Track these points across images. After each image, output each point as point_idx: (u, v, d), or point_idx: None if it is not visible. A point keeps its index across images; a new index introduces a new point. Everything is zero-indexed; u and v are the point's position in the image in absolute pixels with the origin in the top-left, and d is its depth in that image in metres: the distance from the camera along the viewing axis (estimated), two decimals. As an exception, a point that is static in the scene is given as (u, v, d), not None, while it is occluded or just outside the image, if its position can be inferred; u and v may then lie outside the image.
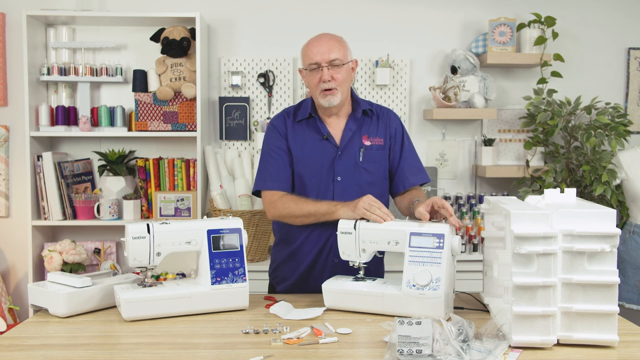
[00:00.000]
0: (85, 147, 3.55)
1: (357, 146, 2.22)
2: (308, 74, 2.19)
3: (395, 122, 2.31)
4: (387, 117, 2.30)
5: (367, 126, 2.26)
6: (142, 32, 3.49)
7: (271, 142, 2.26)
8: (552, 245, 1.60)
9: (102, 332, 1.77)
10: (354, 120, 2.25)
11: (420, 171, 2.30)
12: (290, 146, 2.24)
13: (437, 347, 1.50)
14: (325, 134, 2.22)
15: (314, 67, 2.16)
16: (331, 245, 2.20)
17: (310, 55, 2.16)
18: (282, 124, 2.26)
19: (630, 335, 1.73)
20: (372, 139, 2.24)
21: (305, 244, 2.24)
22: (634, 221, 3.16)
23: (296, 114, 2.28)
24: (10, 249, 3.54)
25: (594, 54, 3.64)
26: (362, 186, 2.19)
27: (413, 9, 3.60)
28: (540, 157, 3.53)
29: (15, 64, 3.49)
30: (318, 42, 2.18)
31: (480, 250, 3.32)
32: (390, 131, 2.28)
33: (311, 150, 2.22)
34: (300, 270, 2.26)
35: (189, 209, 3.37)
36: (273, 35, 3.56)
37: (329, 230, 2.17)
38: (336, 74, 2.15)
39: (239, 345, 1.65)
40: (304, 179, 2.22)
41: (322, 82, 2.15)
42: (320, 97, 2.18)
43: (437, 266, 1.83)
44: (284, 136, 2.25)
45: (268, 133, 2.29)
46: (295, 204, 2.16)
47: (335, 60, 2.14)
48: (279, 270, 2.35)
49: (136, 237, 1.87)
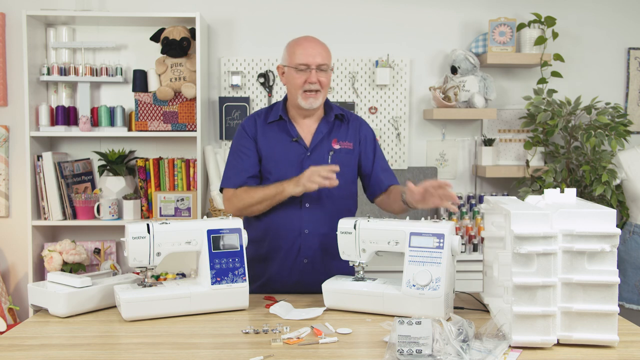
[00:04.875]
0: (85, 147, 3.55)
1: (326, 149, 2.27)
2: (293, 73, 2.21)
3: (366, 129, 2.37)
4: (357, 123, 2.36)
5: (337, 130, 2.31)
6: (142, 32, 3.49)
7: (239, 143, 2.31)
8: (552, 245, 1.60)
9: (102, 332, 1.77)
10: (325, 124, 2.29)
11: (392, 174, 2.38)
12: (260, 147, 2.27)
13: (437, 347, 1.50)
14: (295, 136, 2.26)
15: (303, 67, 2.18)
16: (300, 245, 2.22)
17: (300, 55, 2.19)
18: (252, 125, 2.31)
19: (630, 335, 1.73)
20: (341, 142, 2.29)
21: (272, 243, 2.25)
22: (634, 221, 3.16)
23: (267, 116, 2.32)
24: (10, 249, 3.54)
25: (594, 54, 3.64)
26: (330, 188, 2.15)
27: (413, 9, 3.60)
28: (540, 157, 3.53)
29: (15, 64, 3.49)
30: (309, 43, 2.21)
31: (480, 250, 3.32)
32: (360, 136, 2.34)
33: (280, 151, 2.26)
34: (269, 270, 2.26)
35: (189, 209, 3.37)
36: (273, 35, 3.56)
37: (296, 231, 2.21)
38: (322, 78, 2.20)
39: (239, 345, 1.65)
40: (274, 179, 2.24)
41: (308, 83, 2.18)
42: (302, 97, 2.21)
43: (437, 266, 1.83)
44: (252, 137, 2.29)
45: (237, 134, 2.34)
46: (246, 194, 2.21)
47: (323, 65, 2.20)
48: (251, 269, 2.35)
49: (136, 237, 1.87)
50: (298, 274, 2.23)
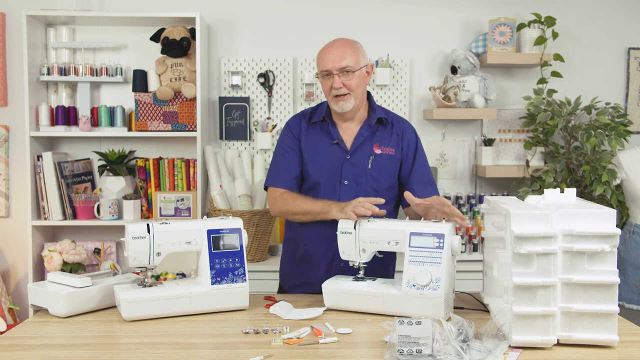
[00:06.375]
0: (85, 147, 3.55)
1: (367, 153, 2.25)
2: (321, 80, 2.23)
3: (410, 133, 2.32)
4: (401, 127, 2.32)
5: (380, 134, 2.28)
6: (142, 32, 3.49)
7: (283, 142, 2.32)
8: (552, 245, 1.60)
9: (102, 332, 1.77)
10: (367, 127, 2.27)
11: (428, 184, 2.28)
12: (302, 147, 2.29)
13: (437, 347, 1.50)
14: (336, 139, 2.26)
15: (326, 74, 2.19)
16: (335, 250, 2.18)
17: (322, 62, 2.20)
18: (297, 125, 2.32)
19: (630, 335, 1.73)
20: (383, 147, 2.26)
21: (309, 247, 2.26)
22: (634, 221, 3.16)
23: (312, 116, 2.33)
24: (10, 249, 3.54)
25: (594, 54, 3.64)
26: (367, 192, 2.20)
27: (413, 9, 3.60)
28: (540, 157, 3.53)
29: (15, 64, 3.49)
30: (330, 49, 2.20)
31: (480, 250, 3.32)
32: (403, 142, 2.29)
33: (321, 153, 2.26)
34: (305, 272, 2.28)
35: (189, 209, 3.37)
36: (273, 35, 3.56)
37: (332, 236, 2.15)
38: (348, 81, 2.17)
39: (239, 345, 1.65)
40: (313, 180, 2.26)
41: (334, 89, 2.18)
42: (333, 102, 2.22)
43: (437, 266, 1.83)
44: (296, 137, 2.30)
45: (283, 132, 2.36)
46: (293, 201, 2.21)
47: (347, 67, 2.16)
48: (286, 269, 2.39)
49: (136, 237, 1.87)
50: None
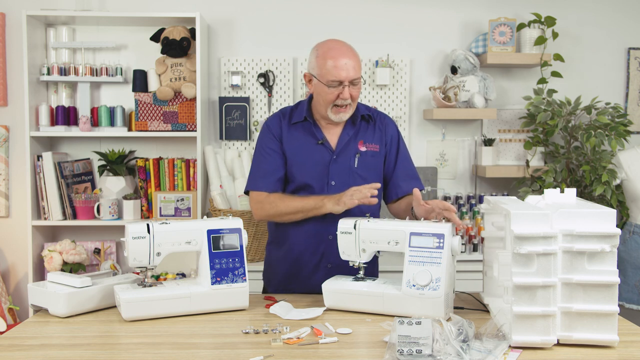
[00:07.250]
0: (85, 147, 3.55)
1: (352, 151, 2.21)
2: (324, 88, 2.10)
3: (392, 128, 2.30)
4: (383, 123, 2.29)
5: (363, 132, 2.25)
6: (142, 32, 3.49)
7: (264, 143, 2.24)
8: (552, 245, 1.60)
9: (102, 332, 1.77)
10: (351, 126, 2.24)
11: (413, 178, 2.27)
12: (285, 149, 2.21)
13: (437, 347, 1.50)
14: (321, 139, 2.21)
15: (336, 84, 2.09)
16: (323, 251, 2.20)
17: (335, 71, 2.07)
18: (277, 126, 2.24)
19: (630, 335, 1.73)
20: (367, 144, 2.23)
21: (296, 248, 2.23)
22: (634, 221, 3.16)
23: (292, 116, 2.25)
24: (10, 249, 3.54)
25: (594, 54, 3.64)
26: None
27: (413, 9, 3.60)
28: (540, 157, 3.53)
29: (15, 64, 3.49)
30: (342, 56, 2.09)
31: (480, 250, 3.32)
32: (386, 138, 2.27)
33: (306, 154, 2.20)
34: (292, 273, 2.25)
35: (189, 209, 3.37)
36: (273, 35, 3.56)
37: (320, 237, 2.18)
38: (354, 92, 2.12)
39: (239, 345, 1.65)
40: (299, 182, 2.20)
41: (340, 99, 2.10)
42: (332, 111, 2.15)
43: (437, 266, 1.83)
44: (277, 138, 2.22)
45: (262, 133, 2.27)
46: (282, 202, 2.15)
47: (356, 79, 2.11)
48: (270, 270, 2.35)
49: (136, 237, 1.87)
50: (322, 279, 2.16)
